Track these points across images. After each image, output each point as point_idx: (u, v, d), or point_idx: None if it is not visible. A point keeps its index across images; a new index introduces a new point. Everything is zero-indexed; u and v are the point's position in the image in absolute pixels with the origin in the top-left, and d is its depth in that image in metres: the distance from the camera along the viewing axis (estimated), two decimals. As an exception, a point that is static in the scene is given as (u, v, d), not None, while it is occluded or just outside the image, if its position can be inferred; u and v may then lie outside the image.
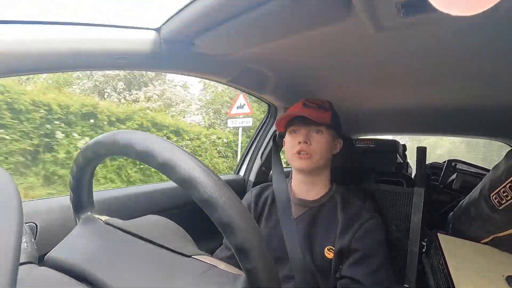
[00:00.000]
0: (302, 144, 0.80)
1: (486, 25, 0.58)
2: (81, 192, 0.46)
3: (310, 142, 0.80)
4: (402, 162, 1.64)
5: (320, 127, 0.82)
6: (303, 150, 0.80)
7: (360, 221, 0.76)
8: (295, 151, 0.81)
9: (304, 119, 0.81)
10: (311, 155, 0.80)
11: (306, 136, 0.80)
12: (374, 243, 0.74)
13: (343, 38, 0.71)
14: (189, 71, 0.89)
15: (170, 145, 0.32)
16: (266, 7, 0.57)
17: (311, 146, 0.80)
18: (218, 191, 0.29)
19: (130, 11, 12.52)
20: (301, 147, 0.80)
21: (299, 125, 0.83)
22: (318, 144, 0.81)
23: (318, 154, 0.80)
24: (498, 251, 0.82)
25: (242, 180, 1.47)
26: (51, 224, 0.70)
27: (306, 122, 0.82)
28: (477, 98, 1.05)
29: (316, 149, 0.80)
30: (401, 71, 0.90)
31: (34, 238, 0.65)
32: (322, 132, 0.82)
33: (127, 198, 0.90)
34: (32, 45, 0.54)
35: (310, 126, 0.82)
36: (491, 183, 0.79)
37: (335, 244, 0.75)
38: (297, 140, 0.81)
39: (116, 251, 0.40)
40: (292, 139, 0.84)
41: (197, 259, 0.38)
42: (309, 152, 0.80)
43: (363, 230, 0.74)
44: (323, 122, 0.81)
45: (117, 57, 0.66)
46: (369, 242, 0.73)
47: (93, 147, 0.39)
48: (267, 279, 0.30)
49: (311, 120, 0.80)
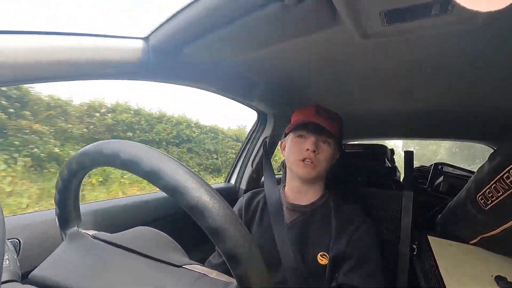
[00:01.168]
0: (310, 152, 0.79)
1: (467, 32, 0.61)
2: (67, 206, 0.44)
3: (317, 151, 0.80)
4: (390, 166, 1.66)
5: (330, 138, 0.82)
6: (310, 158, 0.79)
7: (353, 226, 0.76)
8: (300, 157, 0.80)
9: (316, 127, 0.81)
10: (316, 164, 0.79)
11: (314, 144, 0.80)
12: (369, 248, 0.74)
13: (330, 45, 0.73)
14: (177, 80, 0.88)
15: (156, 153, 0.32)
16: (254, 15, 0.58)
17: (317, 156, 0.80)
18: (207, 198, 0.29)
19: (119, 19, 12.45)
20: (308, 155, 0.79)
21: (309, 132, 0.82)
22: (324, 154, 0.81)
23: (322, 164, 0.81)
24: (486, 251, 0.84)
25: (233, 188, 1.46)
26: (35, 240, 0.67)
27: (317, 131, 0.81)
28: (461, 102, 1.08)
29: (321, 159, 0.80)
30: (388, 78, 0.93)
31: (17, 255, 0.63)
32: (329, 143, 0.82)
33: (115, 210, 0.87)
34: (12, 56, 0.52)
35: (320, 136, 0.81)
36: (476, 184, 0.81)
37: (330, 251, 0.75)
38: (305, 147, 0.80)
39: (104, 265, 0.39)
40: (298, 144, 0.83)
41: (187, 268, 0.38)
42: (314, 161, 0.79)
43: (357, 235, 0.75)
44: (333, 133, 0.80)
45: (104, 67, 0.65)
46: (364, 247, 0.74)
47: (78, 159, 0.38)
48: (259, 285, 0.30)
49: (322, 130, 0.80)
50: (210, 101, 12.34)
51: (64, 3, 10.09)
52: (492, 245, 0.83)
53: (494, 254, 0.82)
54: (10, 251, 0.40)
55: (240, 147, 1.50)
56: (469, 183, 0.87)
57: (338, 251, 0.73)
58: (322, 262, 0.74)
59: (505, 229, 0.72)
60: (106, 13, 12.27)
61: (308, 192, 0.85)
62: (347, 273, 0.72)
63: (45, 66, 0.56)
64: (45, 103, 3.45)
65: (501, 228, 0.73)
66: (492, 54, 0.70)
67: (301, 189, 0.86)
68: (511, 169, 0.67)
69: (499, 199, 0.71)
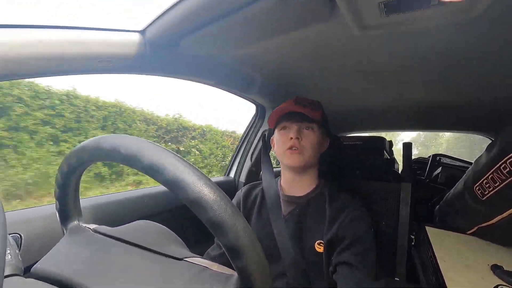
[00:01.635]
0: (293, 139, 0.80)
1: (467, 24, 0.61)
2: (67, 201, 0.44)
3: (301, 138, 0.81)
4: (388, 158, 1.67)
5: (311, 124, 0.83)
6: (294, 145, 0.80)
7: (346, 212, 0.77)
8: (286, 147, 0.81)
9: (296, 115, 0.82)
10: (302, 151, 0.80)
11: (297, 132, 0.81)
12: (361, 230, 0.75)
13: (328, 38, 0.72)
14: (175, 74, 0.88)
15: (157, 147, 0.32)
16: (251, 8, 0.57)
17: (302, 142, 0.81)
18: (207, 191, 0.29)
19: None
20: (293, 143, 0.80)
21: (290, 121, 0.83)
22: (309, 140, 0.82)
23: (309, 150, 0.81)
24: (483, 241, 0.85)
25: (232, 181, 1.47)
26: (36, 234, 0.67)
27: (298, 119, 0.82)
28: (459, 94, 1.08)
29: (307, 145, 0.81)
30: (386, 69, 0.92)
31: (18, 249, 0.63)
32: (313, 129, 0.83)
33: (116, 204, 0.88)
34: (7, 50, 0.51)
35: (301, 123, 0.83)
36: (474, 175, 0.81)
37: (324, 236, 0.76)
38: (289, 136, 0.81)
39: (106, 259, 0.39)
40: (283, 135, 0.84)
41: (189, 261, 0.38)
42: (300, 147, 0.80)
43: (349, 218, 0.76)
44: (314, 119, 0.82)
45: (100, 61, 0.65)
46: (356, 229, 0.74)
47: (77, 153, 0.38)
48: (260, 277, 0.30)
49: (302, 117, 0.81)
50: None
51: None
52: (489, 235, 0.84)
53: (490, 243, 0.83)
54: (11, 246, 0.41)
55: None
56: (467, 174, 0.88)
57: (331, 235, 0.75)
58: (319, 250, 0.76)
59: (501, 219, 0.73)
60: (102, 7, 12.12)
61: (301, 182, 0.86)
62: (340, 253, 0.73)
63: (40, 60, 0.56)
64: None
65: (498, 218, 0.74)
66: (489, 45, 0.69)
67: (294, 180, 0.87)
68: (508, 160, 0.68)
69: (496, 189, 0.71)
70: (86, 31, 0.62)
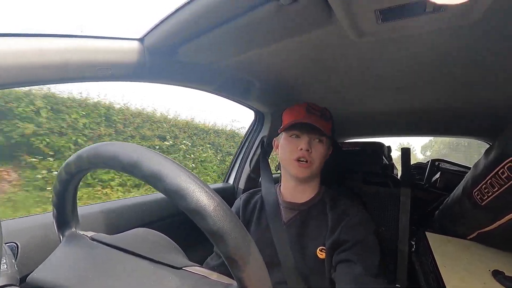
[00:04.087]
0: (304, 151, 0.79)
1: (462, 29, 0.61)
2: (64, 208, 0.44)
3: (311, 150, 0.80)
4: (387, 163, 1.67)
5: (322, 137, 0.83)
6: (304, 157, 0.79)
7: (349, 216, 0.77)
8: (295, 157, 0.80)
9: (309, 127, 0.81)
10: (311, 163, 0.80)
11: (308, 144, 0.80)
12: (363, 233, 0.74)
13: (326, 44, 0.73)
14: (174, 81, 0.88)
15: (157, 155, 0.32)
16: (249, 15, 0.58)
17: (311, 154, 0.80)
18: (207, 200, 0.29)
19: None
20: (303, 154, 0.79)
21: (302, 131, 0.82)
22: (318, 153, 0.81)
23: (317, 163, 0.81)
24: (483, 246, 0.85)
25: (231, 188, 1.46)
26: (33, 243, 0.67)
27: (310, 130, 0.81)
28: (456, 99, 1.09)
29: (316, 158, 0.81)
30: (383, 76, 0.93)
31: (15, 259, 0.62)
32: (323, 141, 0.83)
33: (114, 212, 0.87)
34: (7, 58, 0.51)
35: (313, 134, 0.82)
36: (472, 180, 0.81)
37: (326, 242, 0.75)
38: (299, 147, 0.80)
39: (103, 267, 0.39)
40: (292, 143, 0.83)
41: (188, 270, 0.38)
42: (309, 160, 0.80)
43: (352, 223, 0.75)
44: (326, 132, 0.81)
45: (99, 69, 0.65)
46: (358, 232, 0.74)
47: (76, 161, 0.37)
48: (260, 286, 0.30)
49: (315, 129, 0.80)
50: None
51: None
52: (489, 240, 0.84)
53: (491, 248, 0.83)
54: (8, 255, 0.40)
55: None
56: (465, 179, 0.88)
57: (334, 240, 0.74)
58: (321, 256, 0.75)
59: (501, 224, 0.73)
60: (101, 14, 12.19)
61: (304, 190, 0.86)
62: (339, 253, 0.72)
63: (40, 68, 0.56)
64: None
65: (498, 223, 0.74)
66: (486, 51, 0.70)
67: (297, 188, 0.86)
68: (506, 165, 0.68)
69: (494, 194, 0.71)
70: (86, 39, 0.62)
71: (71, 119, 3.34)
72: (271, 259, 0.78)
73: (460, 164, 1.70)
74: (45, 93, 3.17)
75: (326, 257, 0.74)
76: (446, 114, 1.29)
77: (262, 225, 0.85)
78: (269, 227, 0.82)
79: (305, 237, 0.79)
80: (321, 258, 0.75)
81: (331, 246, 0.74)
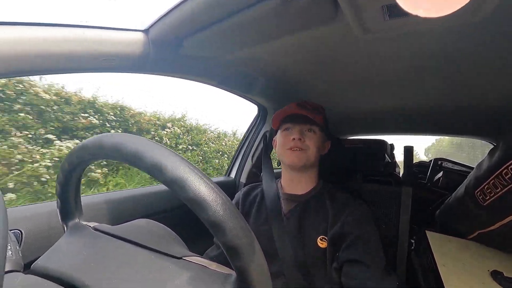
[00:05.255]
0: (296, 140, 0.82)
1: (470, 27, 0.60)
2: (68, 199, 0.45)
3: (303, 139, 0.82)
4: (390, 161, 1.67)
5: (314, 126, 0.85)
6: (296, 146, 0.82)
7: (350, 208, 0.78)
8: (288, 147, 0.83)
9: (298, 117, 0.84)
10: (304, 149, 0.82)
11: (299, 133, 0.83)
12: (366, 227, 0.75)
13: (331, 40, 0.72)
14: (177, 74, 0.88)
15: (159, 147, 0.32)
16: (254, 9, 0.57)
17: (304, 143, 0.83)
18: (207, 191, 0.29)
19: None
20: (295, 143, 0.82)
21: (293, 123, 0.85)
22: (312, 141, 0.83)
23: (310, 150, 0.83)
24: (483, 246, 0.85)
25: (233, 182, 1.47)
26: (37, 230, 0.68)
27: (300, 121, 0.84)
28: (462, 98, 1.08)
29: (309, 145, 0.83)
30: (388, 73, 0.92)
31: (19, 246, 0.63)
32: (315, 131, 0.85)
33: (116, 203, 0.88)
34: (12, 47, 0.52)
35: (304, 125, 0.84)
36: (475, 180, 0.81)
37: (328, 232, 0.76)
38: (291, 137, 0.83)
39: (105, 257, 0.39)
40: (285, 136, 0.86)
41: (187, 260, 0.38)
42: (302, 147, 0.82)
43: (354, 215, 0.76)
44: (316, 121, 0.83)
45: (104, 59, 0.65)
46: (361, 226, 0.75)
47: (79, 151, 0.38)
48: (258, 276, 0.30)
49: (305, 119, 0.83)
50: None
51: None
52: (489, 240, 0.84)
53: (491, 249, 0.83)
54: (12, 242, 0.41)
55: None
56: (468, 179, 0.87)
57: (336, 232, 0.75)
58: (322, 246, 0.76)
59: (502, 225, 0.73)
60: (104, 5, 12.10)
61: (301, 180, 0.87)
62: (346, 249, 0.73)
63: (43, 58, 0.56)
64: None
65: (499, 224, 0.74)
66: (493, 49, 0.69)
67: (294, 178, 0.88)
68: (510, 166, 0.68)
69: (497, 195, 0.71)
70: (91, 30, 0.62)
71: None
72: (268, 250, 0.79)
73: (463, 164, 1.69)
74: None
75: (328, 247, 0.75)
76: (451, 113, 1.28)
77: (261, 217, 0.87)
78: (268, 219, 0.83)
79: (305, 228, 0.80)
80: (322, 248, 0.76)
81: (333, 237, 0.75)
